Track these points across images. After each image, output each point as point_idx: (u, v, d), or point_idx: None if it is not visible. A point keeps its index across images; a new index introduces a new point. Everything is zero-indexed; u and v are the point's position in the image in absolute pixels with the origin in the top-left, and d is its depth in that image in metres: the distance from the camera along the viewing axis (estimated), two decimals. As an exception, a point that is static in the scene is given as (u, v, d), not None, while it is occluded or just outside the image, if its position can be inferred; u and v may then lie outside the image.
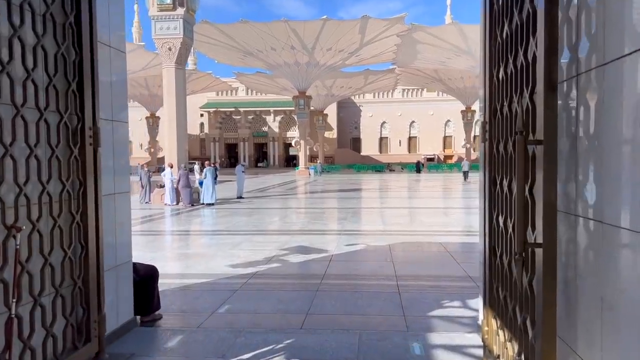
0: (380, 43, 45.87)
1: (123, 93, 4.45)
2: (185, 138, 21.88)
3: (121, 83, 4.42)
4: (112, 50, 4.26)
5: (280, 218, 14.85)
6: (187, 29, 21.68)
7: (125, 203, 4.51)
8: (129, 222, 4.60)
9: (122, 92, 4.44)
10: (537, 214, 2.38)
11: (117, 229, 4.34)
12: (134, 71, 55.95)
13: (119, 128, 4.36)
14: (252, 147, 77.65)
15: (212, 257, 8.68)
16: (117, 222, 4.33)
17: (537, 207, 2.32)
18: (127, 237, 4.56)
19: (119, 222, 4.36)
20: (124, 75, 4.48)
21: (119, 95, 4.39)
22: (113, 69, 4.26)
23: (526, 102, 2.58)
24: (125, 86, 4.48)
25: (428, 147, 77.36)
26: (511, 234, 2.89)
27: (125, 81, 4.48)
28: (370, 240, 10.43)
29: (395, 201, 21.64)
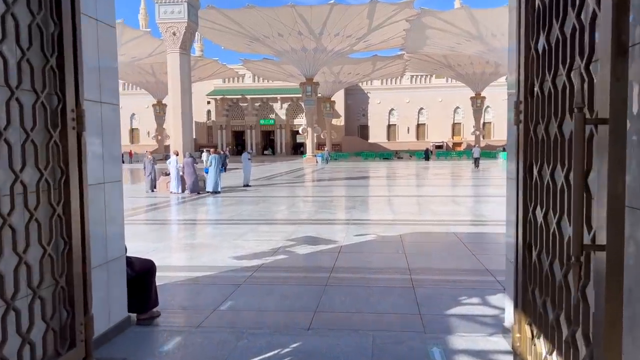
0: (388, 28, 45.08)
1: (113, 73, 4.05)
2: (190, 125, 21.51)
3: (111, 61, 4.01)
4: (100, 24, 3.84)
5: (287, 207, 14.48)
6: (191, 12, 21.21)
7: (117, 193, 4.12)
8: (121, 213, 4.22)
9: (112, 72, 4.04)
10: (593, 210, 1.97)
11: (108, 221, 3.96)
12: (140, 58, 55.59)
13: (108, 111, 3.97)
14: (259, 134, 77.19)
15: (217, 248, 8.32)
16: (107, 213, 3.95)
17: (599, 201, 1.90)
18: (119, 230, 4.18)
19: (109, 214, 3.98)
20: (114, 53, 4.07)
21: (109, 75, 3.98)
22: (101, 45, 3.85)
23: (579, 74, 2.15)
24: (115, 65, 4.07)
25: (437, 135, 76.58)
26: (555, 231, 2.48)
27: (115, 59, 4.07)
28: (380, 230, 10.03)
29: (405, 189, 21.21)
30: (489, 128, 75.58)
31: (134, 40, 50.97)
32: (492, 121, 75.57)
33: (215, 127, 77.84)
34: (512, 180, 3.41)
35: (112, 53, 4.03)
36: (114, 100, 4.06)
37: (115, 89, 4.08)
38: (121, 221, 4.21)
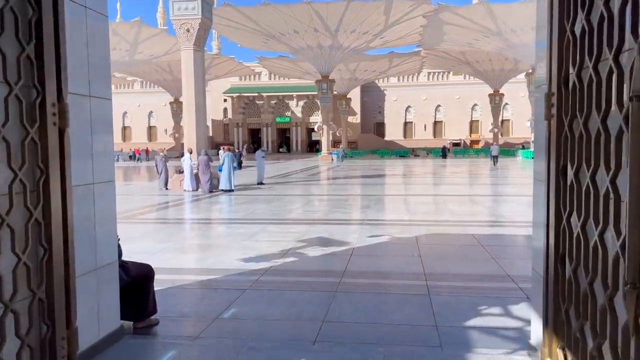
0: (405, 24, 44.47)
1: (105, 64, 3.75)
2: (204, 122, 21.30)
3: (102, 52, 3.71)
4: (89, 11, 3.55)
5: (300, 206, 14.16)
6: (205, 9, 20.98)
7: (108, 194, 3.83)
8: (112, 216, 3.93)
9: (104, 64, 3.74)
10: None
11: (98, 224, 3.67)
12: (158, 56, 55.78)
13: (99, 105, 3.67)
14: (275, 132, 77.04)
15: (225, 249, 8.03)
16: (97, 217, 3.66)
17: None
18: (111, 235, 3.89)
19: (99, 217, 3.69)
20: (106, 43, 3.77)
21: (99, 67, 3.68)
22: (90, 34, 3.56)
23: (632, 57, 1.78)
24: (107, 56, 3.78)
25: (454, 132, 75.61)
26: (597, 244, 2.11)
27: (107, 50, 3.77)
28: (395, 231, 9.65)
29: (421, 188, 20.75)
30: (508, 125, 74.43)
31: (151, 38, 51.14)
32: (511, 118, 74.39)
33: (232, 124, 77.92)
34: (541, 182, 3.03)
35: (104, 43, 3.74)
36: (106, 94, 3.76)
37: (107, 82, 3.78)
38: (113, 225, 3.92)
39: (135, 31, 49.75)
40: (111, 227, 3.89)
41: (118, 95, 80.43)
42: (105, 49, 3.77)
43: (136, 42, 51.64)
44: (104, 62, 3.75)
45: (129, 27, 49.82)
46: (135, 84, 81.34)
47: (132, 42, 51.54)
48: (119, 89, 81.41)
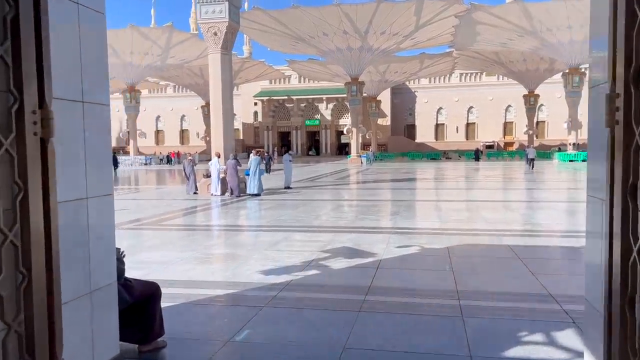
0: (436, 25, 43.65)
1: (100, 67, 3.42)
2: (232, 126, 21.12)
3: (97, 53, 3.38)
4: (82, 8, 3.22)
5: (326, 212, 13.73)
6: (233, 12, 20.82)
7: (105, 209, 3.49)
8: (111, 233, 3.59)
9: (99, 66, 3.41)
10: None
11: (92, 243, 3.33)
12: (189, 60, 56.43)
13: (94, 111, 3.34)
14: (305, 135, 76.97)
15: (244, 260, 7.67)
16: (91, 235, 3.32)
17: None
18: (108, 253, 3.55)
19: (95, 235, 3.35)
20: (102, 43, 3.44)
21: (94, 69, 3.35)
22: (84, 33, 3.23)
23: None
24: (103, 58, 3.45)
25: (487, 134, 74.03)
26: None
27: (104, 51, 3.44)
28: (425, 240, 9.12)
29: (453, 193, 20.05)
30: (543, 127, 72.42)
31: (182, 42, 51.76)
32: (546, 120, 72.37)
33: (262, 128, 78.28)
34: (600, 201, 2.53)
35: (100, 43, 3.41)
36: (102, 99, 3.43)
37: (104, 86, 3.45)
38: (111, 242, 3.58)
39: (166, 36, 50.45)
40: (109, 245, 3.55)
41: (151, 100, 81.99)
42: (102, 50, 3.43)
43: (168, 46, 52.35)
44: (99, 64, 3.41)
45: (160, 32, 50.55)
46: (168, 88, 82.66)
47: (164, 46, 52.29)
48: (152, 93, 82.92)
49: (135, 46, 51.42)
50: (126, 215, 13.41)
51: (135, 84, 57.02)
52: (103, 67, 3.46)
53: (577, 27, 40.74)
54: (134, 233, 10.52)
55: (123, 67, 54.68)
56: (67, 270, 3.01)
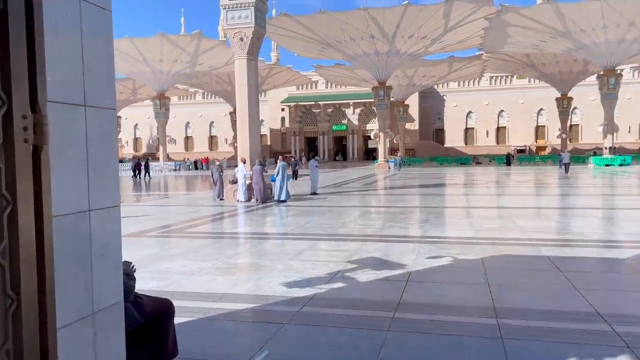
0: (466, 28, 42.90)
1: (106, 67, 3.15)
2: (258, 132, 20.96)
3: (102, 53, 3.11)
4: (85, 4, 2.96)
5: (353, 219, 13.35)
6: (258, 17, 20.69)
7: (110, 222, 3.21)
8: (117, 247, 3.30)
9: (105, 66, 3.14)
10: None
11: (96, 260, 3.06)
12: (217, 67, 56.96)
13: (97, 117, 3.07)
14: (332, 140, 76.78)
15: (267, 271, 7.37)
16: (94, 251, 3.04)
17: None
18: (114, 270, 3.27)
19: (98, 251, 3.07)
20: (108, 42, 3.17)
21: (99, 70, 3.09)
22: (86, 31, 2.97)
23: None
24: (109, 58, 3.18)
25: (518, 138, 72.46)
26: None
27: (109, 51, 3.18)
28: (457, 251, 8.66)
29: (485, 199, 19.38)
30: (577, 130, 70.47)
31: (210, 50, 52.23)
32: (580, 123, 70.42)
33: (289, 133, 78.44)
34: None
35: (105, 43, 3.14)
36: (108, 102, 3.16)
37: (109, 89, 3.18)
38: (118, 258, 3.30)
39: (195, 43, 50.98)
40: (115, 261, 3.27)
41: (181, 106, 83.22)
42: (108, 50, 3.17)
43: (196, 54, 52.90)
44: (105, 65, 3.15)
45: (189, 40, 51.12)
46: (198, 95, 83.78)
47: (193, 54, 52.86)
48: (182, 100, 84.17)
49: (164, 54, 52.13)
50: (150, 222, 13.31)
51: (165, 91, 57.80)
52: (109, 69, 3.19)
53: (612, 26, 39.40)
54: (157, 241, 10.36)
55: (153, 75, 55.53)
56: (64, 290, 2.74)
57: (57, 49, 2.72)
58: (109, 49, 3.20)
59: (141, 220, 13.86)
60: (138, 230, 11.88)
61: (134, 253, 8.98)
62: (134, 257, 8.60)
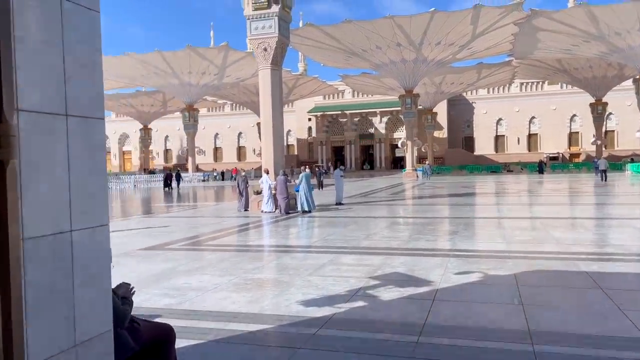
0: (494, 33, 42.09)
1: (93, 73, 2.87)
2: (282, 142, 20.75)
3: (88, 58, 2.84)
4: (68, 3, 2.69)
5: (378, 230, 12.90)
6: (282, 27, 20.56)
7: (99, 243, 2.91)
8: (105, 271, 3.01)
9: (91, 73, 2.86)
10: None
11: (80, 287, 2.76)
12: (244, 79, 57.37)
13: (83, 127, 2.78)
14: (359, 149, 76.40)
15: (285, 287, 7.02)
16: (77, 276, 2.75)
17: None
18: (102, 296, 2.97)
19: (83, 276, 2.78)
20: (95, 45, 2.90)
21: (84, 78, 2.81)
22: (69, 35, 2.70)
23: None
24: (96, 62, 2.90)
25: (551, 145, 70.61)
26: None
27: (96, 55, 2.90)
28: (488, 265, 8.14)
29: (518, 209, 18.62)
30: (612, 137, 68.22)
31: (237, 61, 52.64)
32: (616, 129, 68.17)
33: (316, 143, 78.44)
34: None
35: (92, 46, 2.87)
36: (94, 112, 2.87)
37: (97, 98, 2.90)
38: (105, 283, 2.99)
39: (222, 55, 51.48)
40: (102, 287, 2.97)
41: (210, 118, 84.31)
42: (94, 54, 2.89)
43: (224, 65, 53.41)
44: (91, 71, 2.87)
45: (216, 52, 51.66)
46: (226, 106, 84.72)
47: (220, 66, 53.40)
48: (211, 111, 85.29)
49: (193, 66, 52.81)
50: (173, 234, 13.17)
51: (193, 102, 58.53)
52: (96, 75, 2.91)
53: (648, 29, 38.01)
54: (177, 254, 10.14)
55: (182, 87, 56.33)
56: (40, 323, 2.44)
57: (31, 53, 2.44)
58: (96, 54, 2.92)
59: (164, 232, 13.74)
60: (160, 242, 11.72)
61: (152, 267, 8.77)
62: (151, 271, 8.41)
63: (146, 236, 12.97)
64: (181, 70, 53.22)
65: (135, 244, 11.52)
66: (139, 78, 56.09)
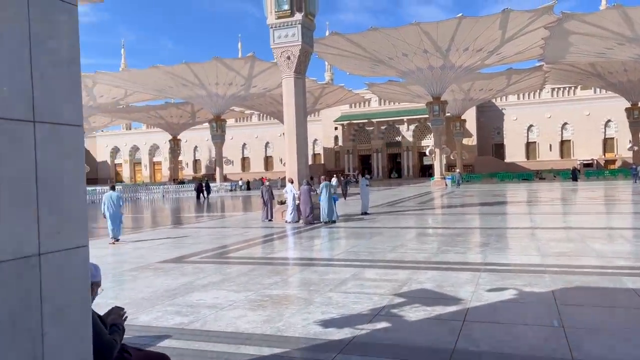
0: (524, 38, 41.06)
1: (68, 74, 2.54)
2: (305, 151, 20.42)
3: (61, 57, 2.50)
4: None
5: (404, 242, 12.35)
6: (306, 35, 20.29)
7: (73, 268, 2.55)
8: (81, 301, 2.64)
9: (65, 74, 2.52)
10: None
11: (49, 320, 2.40)
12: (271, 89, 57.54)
13: (54, 136, 2.44)
14: (386, 157, 75.67)
15: (303, 304, 6.60)
16: (46, 306, 2.38)
17: None
18: (77, 328, 2.60)
19: (52, 306, 2.41)
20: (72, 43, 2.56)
21: (56, 80, 2.47)
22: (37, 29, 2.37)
23: None
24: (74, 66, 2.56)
25: (584, 152, 68.53)
26: None
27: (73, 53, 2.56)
28: (523, 281, 7.54)
29: (552, 219, 17.76)
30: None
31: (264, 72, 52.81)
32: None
33: (342, 152, 78.09)
34: None
35: (66, 43, 2.53)
36: (70, 118, 2.53)
37: (72, 102, 2.55)
38: (82, 313, 2.62)
39: (249, 66, 51.71)
40: (79, 319, 2.60)
41: (238, 128, 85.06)
42: (71, 52, 2.55)
43: (250, 76, 53.66)
44: (65, 71, 2.53)
45: (243, 63, 51.92)
46: (254, 116, 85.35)
47: (247, 76, 53.67)
48: (239, 122, 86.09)
49: (220, 77, 53.22)
50: (195, 245, 12.92)
51: (221, 113, 58.98)
52: (71, 77, 2.57)
53: (688, 29, 36.44)
54: (196, 268, 9.83)
55: (209, 98, 56.83)
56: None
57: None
58: (72, 52, 2.58)
59: (187, 243, 13.53)
60: (180, 255, 11.47)
61: (169, 282, 8.48)
62: (167, 286, 8.10)
63: (169, 248, 12.76)
64: (208, 81, 53.71)
65: (156, 257, 11.29)
66: (168, 90, 56.83)
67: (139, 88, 57.03)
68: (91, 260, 2.77)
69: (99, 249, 12.74)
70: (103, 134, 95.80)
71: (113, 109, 67.35)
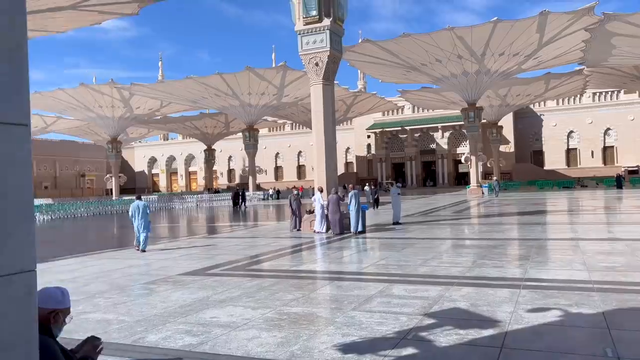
0: (563, 41, 39.56)
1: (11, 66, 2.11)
2: (334, 159, 19.91)
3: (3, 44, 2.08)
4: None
5: (436, 255, 11.63)
6: (334, 40, 19.87)
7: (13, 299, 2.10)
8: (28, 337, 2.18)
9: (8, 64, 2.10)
10: None
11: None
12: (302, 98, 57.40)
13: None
14: (420, 165, 74.42)
15: (322, 326, 6.05)
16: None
17: None
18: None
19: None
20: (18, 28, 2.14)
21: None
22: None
23: None
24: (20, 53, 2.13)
25: (629, 158, 65.64)
26: None
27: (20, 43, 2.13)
28: (568, 300, 6.79)
29: (597, 229, 16.64)
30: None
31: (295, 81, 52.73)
32: None
33: (375, 160, 77.28)
34: None
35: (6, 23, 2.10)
36: (12, 115, 2.09)
37: (18, 97, 2.12)
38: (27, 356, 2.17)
39: (280, 75, 51.73)
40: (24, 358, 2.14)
41: (271, 138, 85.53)
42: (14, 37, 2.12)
43: (282, 85, 53.69)
44: (7, 59, 2.10)
45: (275, 72, 51.98)
46: (286, 126, 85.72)
47: (279, 86, 53.73)
48: (272, 131, 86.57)
49: (252, 87, 53.46)
50: (219, 256, 12.56)
51: (253, 123, 59.23)
52: (16, 66, 2.14)
53: None
54: (215, 281, 9.40)
55: (242, 108, 57.16)
56: None
57: None
58: (17, 37, 2.16)
59: (211, 254, 13.20)
60: (202, 266, 11.11)
61: (185, 296, 8.08)
62: (182, 302, 7.68)
63: (194, 258, 12.44)
64: (241, 91, 54.02)
65: (178, 268, 10.97)
66: (202, 100, 57.44)
67: (173, 99, 57.86)
68: (115, 269, 2.29)
69: (123, 260, 12.53)
70: (141, 145, 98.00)
71: (150, 120, 68.61)
